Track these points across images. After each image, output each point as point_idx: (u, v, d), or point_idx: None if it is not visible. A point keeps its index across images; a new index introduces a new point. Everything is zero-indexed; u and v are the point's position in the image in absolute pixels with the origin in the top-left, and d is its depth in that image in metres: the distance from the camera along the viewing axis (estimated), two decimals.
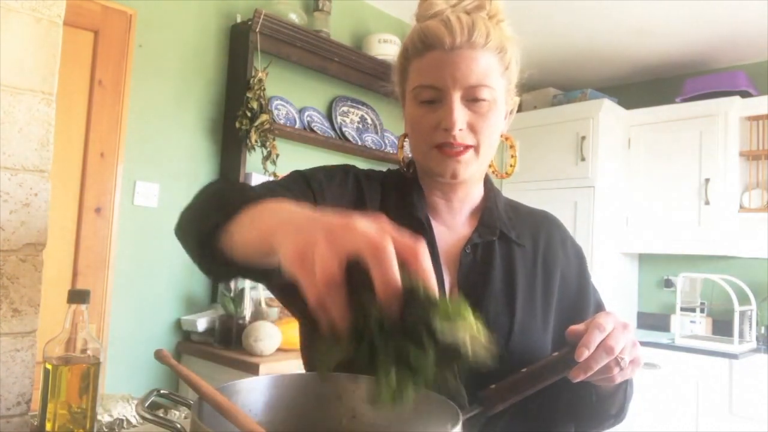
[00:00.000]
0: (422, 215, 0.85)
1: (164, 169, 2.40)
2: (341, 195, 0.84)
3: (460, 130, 0.78)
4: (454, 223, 0.88)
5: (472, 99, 0.79)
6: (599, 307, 0.91)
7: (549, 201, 3.75)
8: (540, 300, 0.85)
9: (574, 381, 0.70)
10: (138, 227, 2.30)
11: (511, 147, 0.90)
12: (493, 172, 0.92)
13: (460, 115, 0.78)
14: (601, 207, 3.61)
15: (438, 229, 0.87)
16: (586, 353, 0.68)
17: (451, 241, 0.86)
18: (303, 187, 0.82)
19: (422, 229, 0.84)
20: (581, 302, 0.89)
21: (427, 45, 0.79)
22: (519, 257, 0.86)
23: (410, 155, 0.89)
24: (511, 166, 0.91)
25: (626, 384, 0.81)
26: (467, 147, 0.80)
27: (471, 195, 0.89)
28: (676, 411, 3.16)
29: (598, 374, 0.70)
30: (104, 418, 1.03)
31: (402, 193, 0.88)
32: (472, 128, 0.79)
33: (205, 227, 0.62)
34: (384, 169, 0.95)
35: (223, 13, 2.59)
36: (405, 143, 0.91)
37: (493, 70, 0.80)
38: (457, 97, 0.78)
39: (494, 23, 0.82)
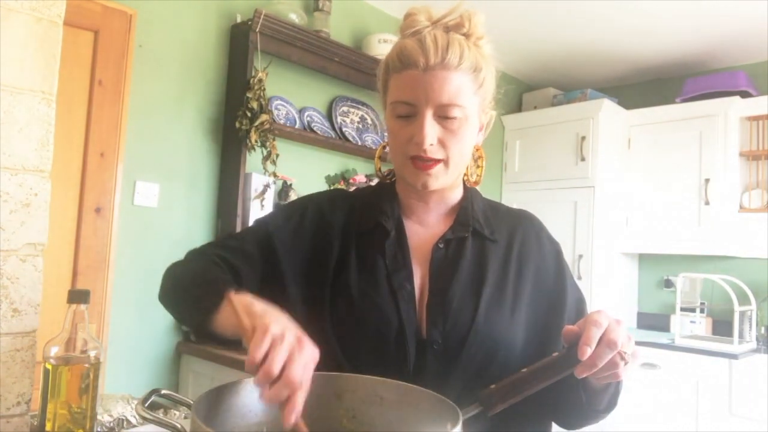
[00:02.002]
0: (391, 219, 0.92)
1: (164, 169, 2.40)
2: (298, 229, 0.94)
3: (431, 144, 0.84)
4: (429, 222, 0.95)
5: (443, 116, 0.84)
6: (580, 302, 0.94)
7: (549, 201, 3.75)
8: (510, 292, 0.89)
9: (579, 377, 0.71)
10: (138, 227, 2.30)
11: (480, 158, 0.97)
12: (465, 180, 0.98)
13: (431, 131, 0.84)
14: (601, 207, 3.61)
15: (413, 227, 0.94)
16: (589, 351, 0.69)
17: (425, 237, 0.93)
18: (259, 237, 0.92)
19: (387, 234, 0.90)
20: (559, 295, 0.92)
21: (404, 63, 0.85)
22: (491, 252, 0.91)
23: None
24: (478, 175, 0.98)
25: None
26: (437, 161, 0.86)
27: (447, 197, 0.95)
28: (676, 411, 3.16)
29: (604, 371, 0.71)
30: (104, 418, 1.03)
31: (372, 203, 0.95)
32: (443, 143, 0.85)
33: (196, 318, 0.79)
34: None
35: (223, 13, 2.59)
36: (382, 153, 0.99)
37: (466, 89, 0.85)
38: (429, 115, 0.84)
39: (471, 43, 0.87)
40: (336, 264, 0.89)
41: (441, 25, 0.88)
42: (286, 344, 0.60)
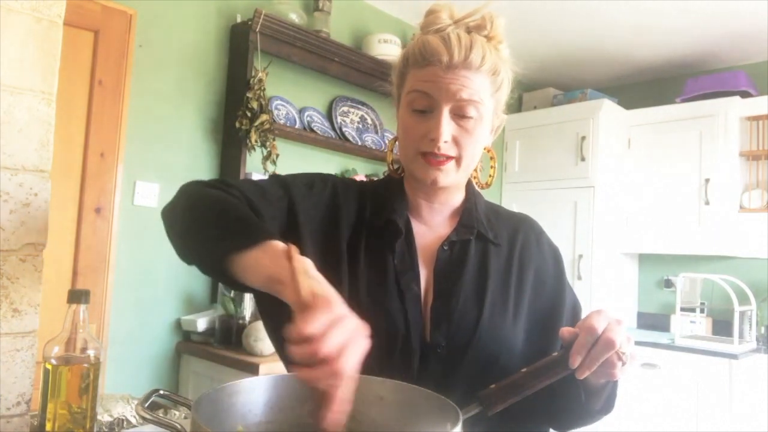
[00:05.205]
0: (402, 218, 0.90)
1: (164, 169, 2.40)
2: (318, 202, 0.90)
3: (445, 142, 0.84)
4: (434, 223, 0.94)
5: (460, 114, 0.84)
6: (575, 307, 0.95)
7: (549, 201, 3.75)
8: (512, 296, 0.89)
9: (580, 378, 0.72)
10: (138, 227, 2.30)
11: (492, 159, 0.97)
12: (475, 182, 0.98)
13: (447, 128, 0.84)
14: (601, 207, 3.61)
15: (419, 228, 0.93)
16: (579, 359, 0.70)
17: (430, 238, 0.92)
18: (280, 194, 0.88)
19: (399, 233, 0.89)
20: (558, 300, 0.93)
21: (426, 59, 0.85)
22: (494, 255, 0.91)
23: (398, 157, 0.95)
24: (490, 176, 0.98)
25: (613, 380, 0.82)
26: (449, 158, 0.86)
27: (452, 198, 0.95)
28: (676, 411, 3.16)
29: (601, 369, 0.72)
30: (104, 418, 1.03)
31: (382, 199, 0.93)
32: (456, 142, 0.85)
33: (214, 255, 0.72)
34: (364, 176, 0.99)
35: (223, 13, 2.59)
36: (394, 146, 0.97)
37: (484, 91, 0.85)
38: (446, 111, 0.84)
39: (492, 46, 0.87)
40: (347, 255, 0.88)
41: (463, 25, 0.87)
42: (347, 329, 0.54)
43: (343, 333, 0.53)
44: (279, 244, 0.67)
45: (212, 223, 0.75)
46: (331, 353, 0.52)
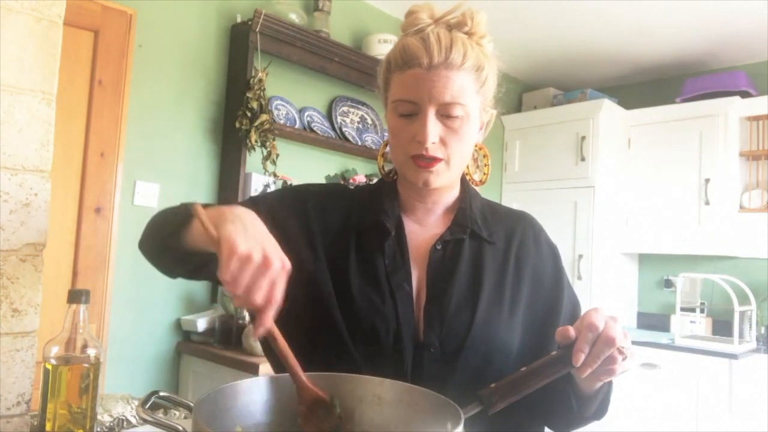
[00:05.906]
0: (391, 219, 0.91)
1: (164, 169, 2.40)
2: (288, 213, 0.92)
3: (433, 143, 0.83)
4: (428, 222, 0.94)
5: (445, 115, 0.84)
6: (575, 306, 0.94)
7: (549, 201, 3.75)
8: (508, 295, 0.89)
9: (582, 376, 0.72)
10: (138, 227, 2.27)
11: (485, 156, 0.96)
12: (469, 180, 0.98)
13: (433, 130, 0.83)
14: (601, 207, 3.61)
15: (411, 227, 0.93)
16: (582, 357, 0.70)
17: (423, 238, 0.92)
18: (247, 206, 0.91)
19: (387, 233, 0.89)
20: (556, 299, 0.92)
21: (407, 62, 0.85)
22: (489, 254, 0.91)
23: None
24: (484, 174, 0.97)
25: (607, 386, 0.82)
26: (438, 159, 0.85)
27: (446, 197, 0.95)
28: (676, 411, 3.16)
29: (603, 366, 0.72)
30: (104, 418, 1.03)
31: (373, 201, 0.94)
32: (444, 142, 0.85)
33: (169, 228, 0.80)
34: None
35: (223, 13, 2.59)
36: (385, 151, 0.98)
37: (468, 89, 0.84)
38: (431, 113, 0.83)
39: (474, 41, 0.86)
40: (333, 259, 0.88)
41: (443, 23, 0.87)
42: (253, 266, 0.61)
43: (248, 274, 0.61)
44: (198, 208, 0.72)
45: (162, 228, 0.86)
46: (242, 292, 0.61)
